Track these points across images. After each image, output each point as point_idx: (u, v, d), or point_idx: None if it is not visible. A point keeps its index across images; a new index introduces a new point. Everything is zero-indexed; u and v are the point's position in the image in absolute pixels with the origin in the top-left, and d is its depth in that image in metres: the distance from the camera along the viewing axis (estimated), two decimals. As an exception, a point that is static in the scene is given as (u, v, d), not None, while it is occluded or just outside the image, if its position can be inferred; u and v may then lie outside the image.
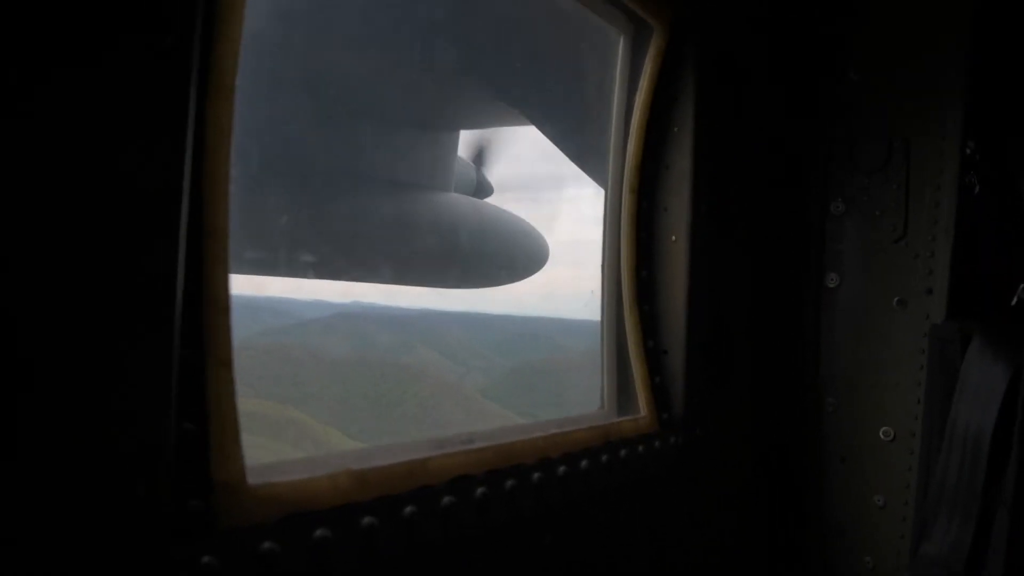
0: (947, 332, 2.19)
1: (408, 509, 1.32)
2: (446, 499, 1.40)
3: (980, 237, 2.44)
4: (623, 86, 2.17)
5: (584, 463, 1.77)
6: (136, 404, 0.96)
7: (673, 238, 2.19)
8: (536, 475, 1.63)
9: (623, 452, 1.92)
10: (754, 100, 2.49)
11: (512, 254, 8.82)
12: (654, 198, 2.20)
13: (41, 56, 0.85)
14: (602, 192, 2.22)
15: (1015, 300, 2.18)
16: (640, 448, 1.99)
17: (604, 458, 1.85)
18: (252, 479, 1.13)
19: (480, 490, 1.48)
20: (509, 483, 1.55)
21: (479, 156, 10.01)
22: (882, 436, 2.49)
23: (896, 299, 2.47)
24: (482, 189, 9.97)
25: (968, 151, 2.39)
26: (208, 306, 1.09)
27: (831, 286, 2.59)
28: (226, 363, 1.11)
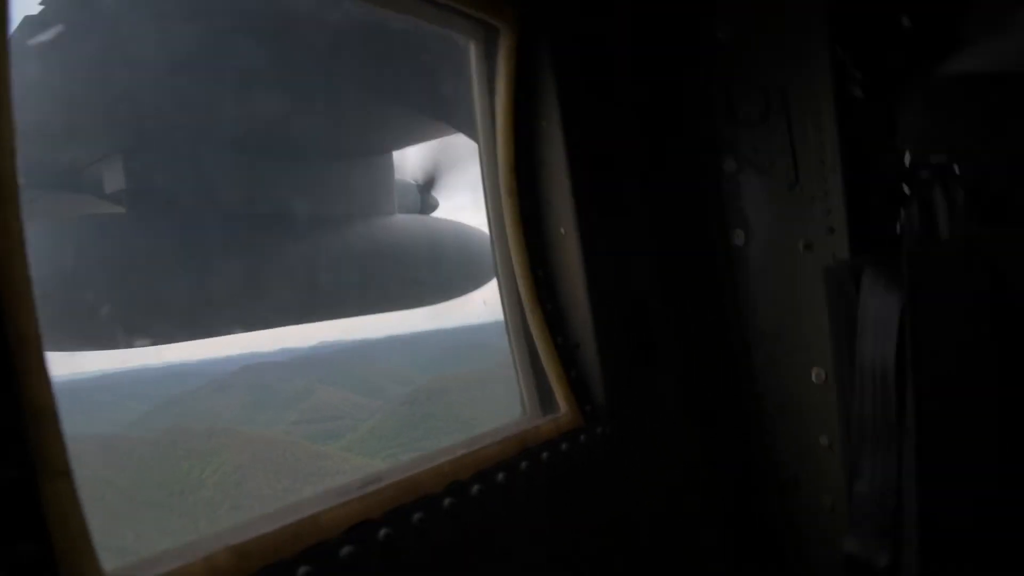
0: (839, 272, 2.21)
1: (302, 570, 1.29)
2: (345, 549, 1.37)
3: (870, 168, 2.46)
4: (482, 90, 2.15)
5: (501, 476, 1.75)
6: None
7: (562, 231, 2.18)
8: (447, 501, 1.61)
9: (545, 455, 1.91)
10: (621, 80, 2.49)
11: (469, 263, 8.82)
12: (535, 196, 2.19)
13: None
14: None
15: (897, 227, 2.20)
16: (564, 446, 1.98)
17: (524, 465, 1.83)
18: None
19: (383, 531, 1.45)
20: (416, 516, 1.53)
21: (426, 174, 10.03)
22: (814, 379, 2.50)
23: (802, 243, 2.48)
24: (428, 205, 9.96)
25: (837, 55, 2.39)
26: (32, 418, 1.06)
27: (739, 243, 2.59)
28: (63, 472, 1.08)
